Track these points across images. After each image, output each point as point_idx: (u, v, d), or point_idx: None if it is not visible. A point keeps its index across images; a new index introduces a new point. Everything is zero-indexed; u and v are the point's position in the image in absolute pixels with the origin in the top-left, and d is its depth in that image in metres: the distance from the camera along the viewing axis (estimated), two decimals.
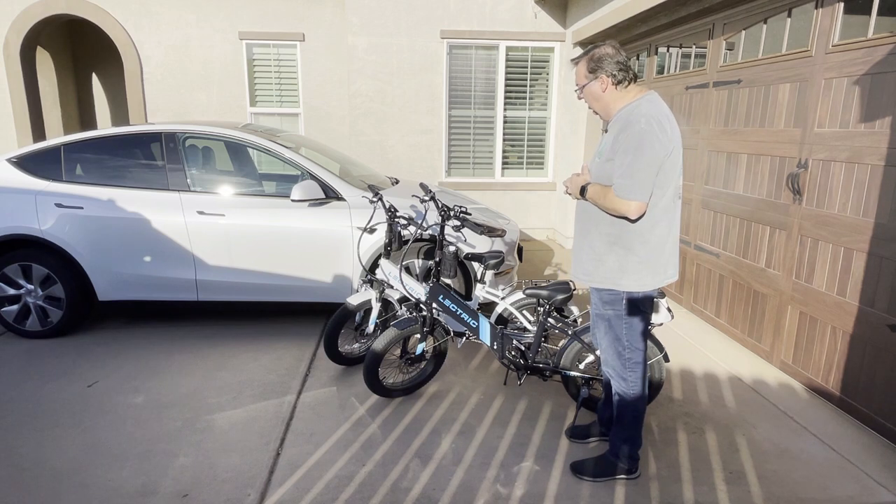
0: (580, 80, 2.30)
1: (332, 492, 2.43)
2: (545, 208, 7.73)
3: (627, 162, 2.10)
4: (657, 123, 2.10)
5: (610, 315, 2.36)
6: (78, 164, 4.03)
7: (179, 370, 3.56)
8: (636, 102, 2.19)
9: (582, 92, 2.32)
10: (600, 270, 2.30)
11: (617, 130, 2.18)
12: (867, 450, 2.77)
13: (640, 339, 2.37)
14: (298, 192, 3.87)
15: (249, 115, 7.98)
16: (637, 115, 2.12)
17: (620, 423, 2.49)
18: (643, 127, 2.09)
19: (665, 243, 2.25)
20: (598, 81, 2.23)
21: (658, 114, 2.13)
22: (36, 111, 7.85)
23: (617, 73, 2.21)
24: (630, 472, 2.52)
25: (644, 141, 2.08)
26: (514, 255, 4.38)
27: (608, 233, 2.26)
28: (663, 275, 2.28)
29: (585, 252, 2.36)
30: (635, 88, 2.25)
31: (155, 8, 7.54)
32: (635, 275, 2.24)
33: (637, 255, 2.23)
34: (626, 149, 2.11)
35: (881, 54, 2.84)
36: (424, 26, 7.02)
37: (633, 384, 2.41)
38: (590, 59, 2.24)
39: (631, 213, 2.13)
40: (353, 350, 3.70)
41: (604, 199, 2.19)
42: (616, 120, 2.23)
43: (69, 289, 3.95)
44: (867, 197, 2.93)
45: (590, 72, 2.24)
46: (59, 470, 2.56)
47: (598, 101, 2.29)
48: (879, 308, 2.86)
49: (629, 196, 2.11)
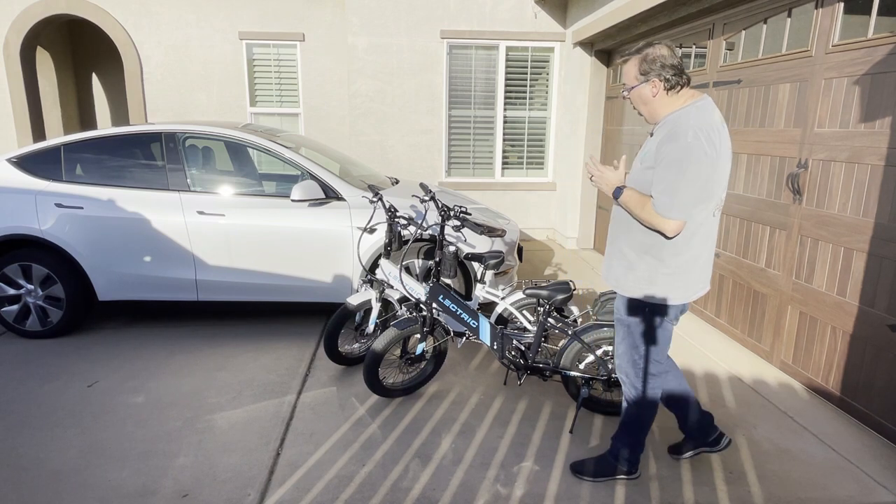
0: (629, 81, 2.15)
1: (332, 492, 2.43)
2: (545, 208, 7.73)
3: (670, 179, 1.99)
4: (705, 137, 1.97)
5: (631, 322, 2.28)
6: (78, 164, 4.03)
7: (179, 370, 3.56)
8: (685, 109, 2.06)
9: (629, 93, 2.17)
10: (629, 278, 2.22)
11: (661, 138, 2.05)
12: (867, 450, 2.77)
13: (661, 352, 2.29)
14: (298, 192, 3.87)
15: (249, 115, 7.98)
16: (685, 127, 1.98)
17: (625, 428, 2.46)
18: (690, 141, 1.95)
19: (699, 257, 2.15)
20: (649, 85, 2.09)
21: (707, 125, 1.99)
22: (36, 111, 7.85)
23: (671, 78, 2.06)
24: (629, 474, 2.51)
25: (690, 157, 1.95)
26: (514, 255, 4.38)
27: (640, 241, 2.17)
28: (694, 288, 2.19)
29: (616, 258, 2.28)
30: (687, 93, 2.11)
31: (155, 8, 7.54)
32: (665, 286, 2.15)
33: (668, 266, 2.13)
34: (669, 163, 1.99)
35: (881, 54, 2.84)
36: (424, 26, 7.02)
37: (645, 395, 2.35)
38: (642, 59, 2.09)
39: (668, 231, 2.03)
40: (353, 350, 3.70)
41: (641, 210, 2.08)
42: (662, 125, 2.10)
43: (69, 289, 3.95)
44: (867, 197, 2.93)
45: (641, 73, 2.09)
46: (59, 470, 2.56)
47: (646, 105, 2.15)
48: (879, 308, 2.86)
49: (669, 215, 2.01)
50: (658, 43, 2.10)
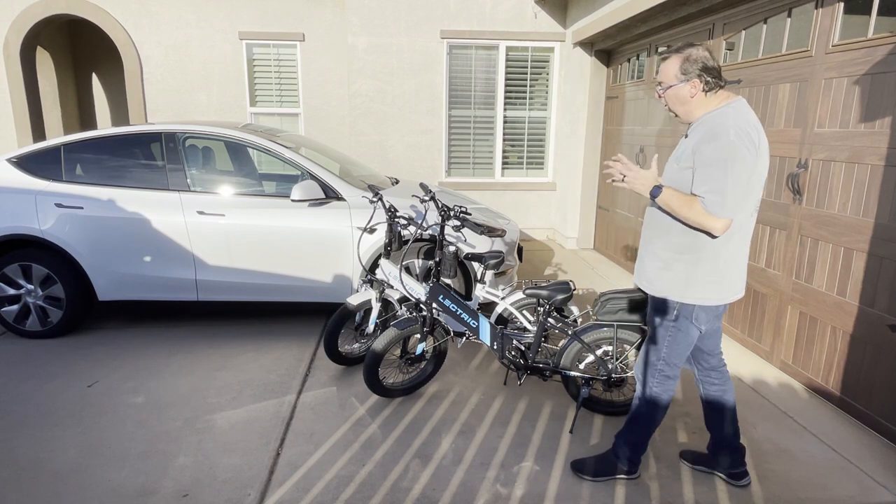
0: (668, 80, 2.14)
1: (332, 492, 2.43)
2: (545, 208, 7.73)
3: (719, 177, 1.98)
4: (746, 136, 1.98)
5: (657, 322, 2.27)
6: (78, 164, 4.03)
7: (179, 370, 3.56)
8: (721, 110, 2.07)
9: (665, 92, 2.17)
10: (664, 278, 2.20)
11: (699, 138, 2.05)
12: (867, 450, 2.77)
13: (680, 356, 2.28)
14: (298, 192, 3.87)
15: (249, 115, 7.98)
16: (725, 126, 1.99)
17: (630, 427, 2.45)
18: (733, 139, 1.96)
19: (736, 258, 2.15)
20: (688, 85, 2.09)
21: (746, 124, 2.01)
22: (36, 111, 7.85)
23: (711, 80, 2.08)
24: (629, 474, 2.51)
25: (735, 155, 1.96)
26: (514, 255, 4.38)
27: (678, 242, 2.15)
28: (730, 290, 2.17)
29: (650, 259, 2.26)
30: (722, 94, 2.12)
31: (155, 8, 7.54)
32: (700, 288, 2.14)
33: (705, 267, 2.12)
34: (714, 162, 1.98)
35: (881, 54, 2.84)
36: (424, 26, 7.02)
37: (656, 395, 2.34)
38: (685, 59, 2.09)
39: (718, 230, 2.02)
40: (353, 350, 3.70)
41: (688, 210, 2.04)
42: (698, 125, 2.10)
43: (69, 289, 3.95)
44: (867, 197, 2.93)
45: (682, 73, 2.09)
46: (59, 470, 2.56)
47: (682, 105, 2.15)
48: (879, 308, 2.86)
49: (721, 213, 1.99)
50: (698, 45, 2.11)
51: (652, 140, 5.40)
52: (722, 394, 2.44)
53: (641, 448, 2.47)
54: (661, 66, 2.18)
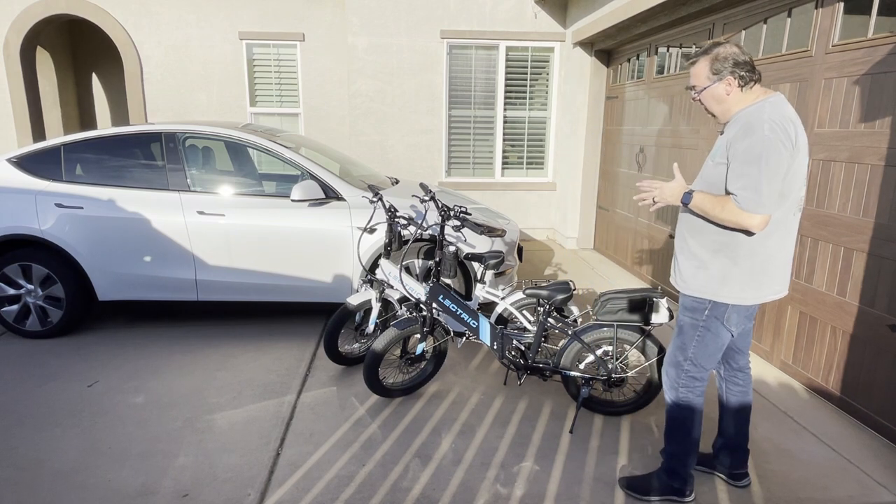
0: (700, 82, 2.11)
1: (332, 492, 2.43)
2: (545, 208, 7.73)
3: (752, 173, 1.93)
4: (782, 130, 1.94)
5: (685, 322, 2.22)
6: (78, 164, 4.03)
7: (179, 370, 3.56)
8: (759, 104, 2.02)
9: (700, 94, 2.14)
10: (699, 277, 2.15)
11: (734, 134, 2.01)
12: (867, 450, 2.77)
13: (709, 359, 2.22)
14: (298, 192, 3.87)
15: (249, 115, 7.98)
16: (760, 121, 1.95)
17: (670, 437, 2.35)
18: (767, 134, 1.92)
19: (775, 257, 2.09)
20: (722, 83, 2.06)
21: (782, 118, 1.96)
22: (36, 111, 7.85)
23: (745, 75, 2.04)
24: (680, 494, 2.35)
25: (770, 149, 1.92)
26: (514, 255, 4.38)
27: (713, 240, 2.11)
28: (768, 289, 2.12)
29: (685, 257, 2.21)
30: (759, 89, 2.08)
31: (155, 8, 7.54)
32: (736, 287, 2.09)
33: (741, 266, 2.07)
34: (748, 158, 1.94)
35: (881, 54, 2.84)
36: (424, 26, 7.02)
37: (685, 398, 2.27)
38: (714, 59, 2.06)
39: (755, 227, 1.97)
40: (353, 350, 3.70)
41: (721, 211, 2.00)
42: (734, 121, 2.06)
43: (69, 289, 3.95)
44: (867, 197, 2.93)
45: (714, 73, 2.07)
46: (59, 470, 2.56)
47: (720, 104, 2.11)
48: (879, 308, 2.86)
49: (757, 210, 1.94)
50: (726, 42, 2.07)
51: (652, 140, 5.40)
52: (743, 396, 2.43)
53: (687, 460, 2.33)
54: (691, 71, 2.15)
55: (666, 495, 2.37)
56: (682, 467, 2.34)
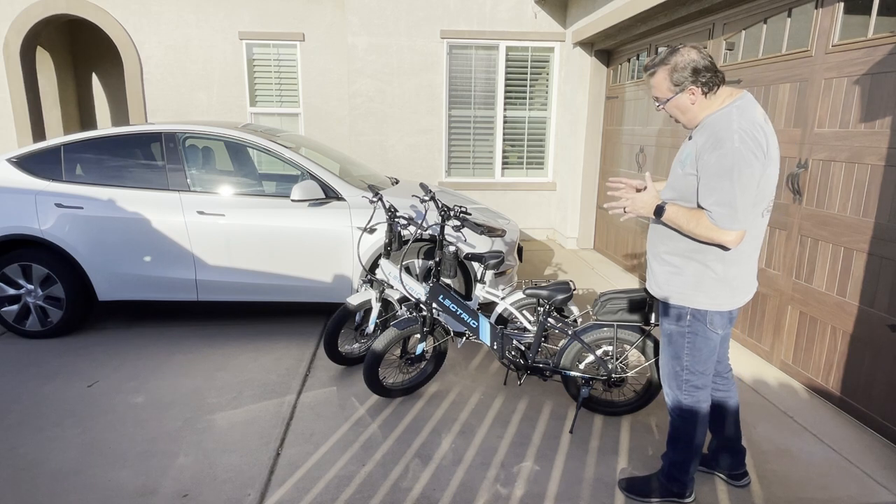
0: (663, 94, 2.03)
1: (332, 492, 2.43)
2: (545, 208, 7.73)
3: (724, 187, 1.87)
4: (752, 139, 1.87)
5: (672, 331, 2.18)
6: (78, 164, 4.03)
7: (179, 370, 3.56)
8: (726, 109, 1.95)
9: (664, 106, 2.07)
10: (675, 283, 2.12)
11: (704, 143, 1.94)
12: (867, 450, 2.77)
13: (704, 362, 2.17)
14: (298, 192, 3.87)
15: (249, 115, 7.98)
16: (729, 131, 1.88)
17: (672, 445, 2.32)
18: (737, 146, 1.85)
19: (746, 262, 2.06)
20: (685, 94, 1.98)
21: (752, 127, 1.90)
22: (36, 111, 7.85)
23: (707, 81, 1.95)
24: (680, 496, 2.34)
25: (741, 162, 1.85)
26: (514, 255, 4.38)
27: (686, 246, 2.07)
28: (742, 293, 2.09)
29: (658, 264, 2.18)
30: (725, 91, 2.00)
31: (155, 8, 7.54)
32: (711, 292, 2.05)
33: (715, 271, 2.04)
34: (719, 171, 1.88)
35: (881, 54, 2.84)
36: (424, 26, 7.02)
37: (690, 408, 2.22)
38: (672, 69, 1.98)
39: (731, 242, 1.93)
40: (353, 350, 3.70)
41: (695, 226, 1.95)
42: (703, 127, 1.99)
43: (69, 289, 3.95)
44: (867, 197, 2.93)
45: (675, 84, 1.98)
46: (59, 470, 2.56)
47: (685, 114, 2.04)
48: (879, 308, 2.86)
49: (732, 226, 1.90)
50: (682, 46, 1.99)
51: (652, 140, 5.40)
52: (727, 398, 2.41)
53: (689, 467, 2.31)
54: (650, 82, 2.07)
55: (666, 497, 2.37)
56: (683, 474, 2.32)
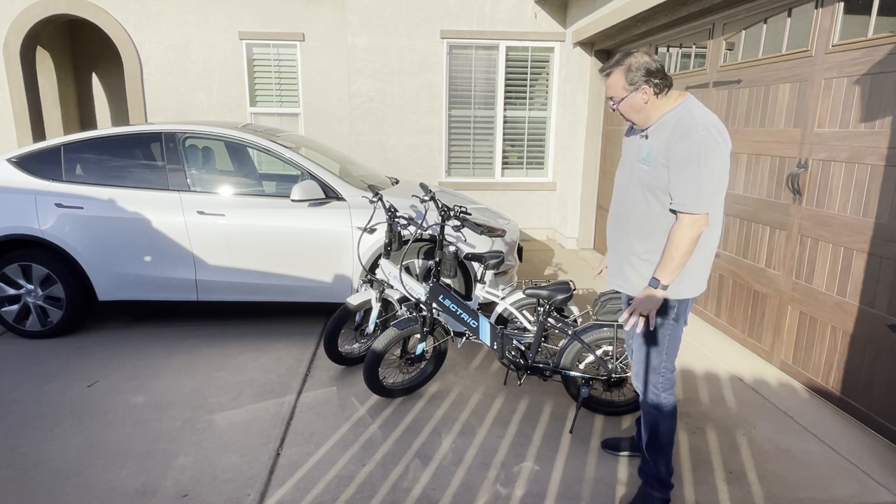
0: (618, 94, 2.15)
1: (332, 492, 2.43)
2: (545, 208, 7.73)
3: (692, 174, 1.99)
4: (716, 130, 2.02)
5: (657, 324, 2.21)
6: (78, 164, 4.03)
7: (179, 370, 3.56)
8: (682, 107, 2.09)
9: (618, 105, 2.18)
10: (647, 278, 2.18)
11: (671, 135, 2.05)
12: (867, 450, 2.77)
13: (676, 354, 2.26)
14: (298, 192, 3.87)
15: (249, 115, 7.98)
16: (694, 123, 2.01)
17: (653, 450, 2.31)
18: (702, 135, 1.99)
19: (714, 245, 2.20)
20: (639, 93, 2.11)
21: (713, 121, 2.05)
22: (36, 111, 7.85)
23: (659, 82, 2.09)
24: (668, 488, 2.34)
25: (708, 150, 1.98)
26: (514, 255, 4.38)
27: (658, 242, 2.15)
28: (703, 279, 2.21)
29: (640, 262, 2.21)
30: (675, 93, 2.15)
31: (155, 8, 7.54)
32: (690, 280, 2.15)
33: (694, 258, 2.14)
34: (687, 160, 2.00)
35: (881, 54, 2.84)
36: (424, 26, 7.02)
37: (665, 402, 2.27)
38: (627, 69, 2.11)
39: (703, 226, 2.04)
40: (353, 350, 3.70)
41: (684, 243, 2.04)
42: (659, 126, 2.12)
43: (69, 289, 3.95)
44: (867, 197, 2.93)
45: (629, 84, 2.11)
46: (59, 470, 2.56)
47: (638, 113, 2.16)
48: (879, 308, 2.86)
49: (700, 209, 2.01)
50: (635, 51, 2.14)
51: None
52: None
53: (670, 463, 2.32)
54: (606, 82, 2.20)
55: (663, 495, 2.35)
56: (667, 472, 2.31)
